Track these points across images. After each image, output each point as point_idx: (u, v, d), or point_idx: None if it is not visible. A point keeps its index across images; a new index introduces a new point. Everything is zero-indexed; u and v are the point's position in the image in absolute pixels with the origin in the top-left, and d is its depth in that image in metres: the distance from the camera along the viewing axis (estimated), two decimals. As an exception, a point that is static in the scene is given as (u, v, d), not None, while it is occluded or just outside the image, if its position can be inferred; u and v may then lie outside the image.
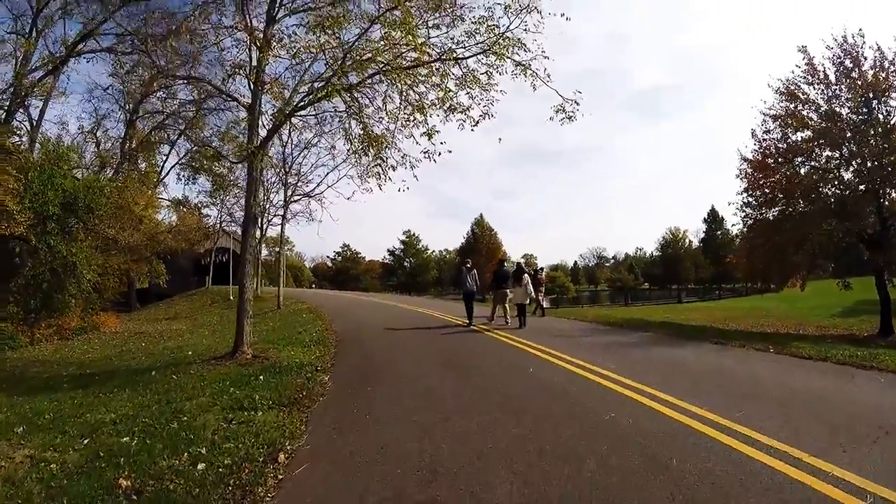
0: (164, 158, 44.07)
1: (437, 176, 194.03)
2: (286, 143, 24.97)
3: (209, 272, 45.57)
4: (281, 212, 26.44)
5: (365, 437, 5.51)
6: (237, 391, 7.61)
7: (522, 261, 25.68)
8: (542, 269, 24.10)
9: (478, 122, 10.77)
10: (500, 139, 29.95)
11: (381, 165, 10.97)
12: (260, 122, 11.09)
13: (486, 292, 35.79)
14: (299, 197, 25.92)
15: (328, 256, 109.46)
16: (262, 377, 8.47)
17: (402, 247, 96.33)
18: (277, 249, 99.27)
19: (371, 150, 10.84)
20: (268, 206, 27.84)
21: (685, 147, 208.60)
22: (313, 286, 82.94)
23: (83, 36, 26.15)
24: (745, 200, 18.12)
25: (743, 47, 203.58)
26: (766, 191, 17.31)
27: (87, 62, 29.70)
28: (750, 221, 18.36)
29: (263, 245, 43.53)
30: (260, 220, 29.00)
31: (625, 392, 6.92)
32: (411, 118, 10.51)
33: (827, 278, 19.30)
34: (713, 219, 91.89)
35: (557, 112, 10.91)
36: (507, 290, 15.90)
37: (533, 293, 16.46)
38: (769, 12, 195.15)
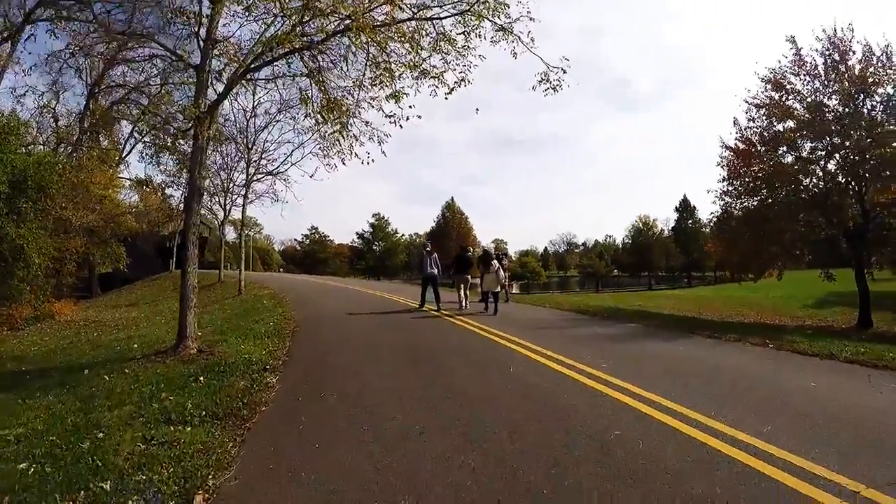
0: (127, 136, 42.36)
1: (410, 162, 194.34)
2: (249, 118, 23.45)
3: (173, 256, 44.04)
4: (245, 192, 24.78)
5: (309, 470, 4.26)
6: (170, 397, 6.34)
7: (492, 246, 24.89)
8: (505, 254, 23.63)
9: (452, 90, 9.50)
10: (476, 109, 28.29)
11: (341, 132, 9.63)
12: (210, 86, 9.78)
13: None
14: (262, 175, 24.38)
15: (296, 239, 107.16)
16: (202, 378, 7.19)
17: (371, 230, 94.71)
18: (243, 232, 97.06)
19: (330, 117, 9.49)
20: (230, 185, 26.28)
21: (656, 139, 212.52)
22: (281, 270, 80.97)
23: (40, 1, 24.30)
24: (724, 189, 17.62)
25: (716, 46, 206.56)
26: (748, 179, 16.77)
27: (46, 32, 27.55)
28: (730, 210, 17.80)
29: (231, 227, 41.96)
30: (223, 199, 27.55)
31: (629, 401, 5.84)
32: (378, 80, 9.23)
33: (801, 269, 18.96)
34: (685, 208, 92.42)
35: (541, 82, 9.70)
36: (469, 276, 15.80)
37: (504, 279, 15.94)
38: (745, 11, 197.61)
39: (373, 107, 9.69)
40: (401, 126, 9.35)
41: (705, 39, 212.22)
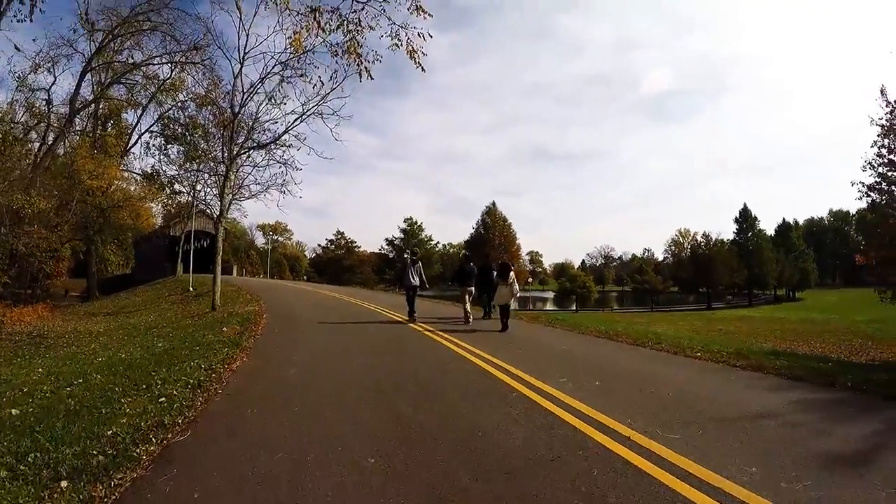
0: (133, 126, 37.91)
1: (443, 175, 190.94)
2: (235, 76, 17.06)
3: (179, 258, 39.19)
4: (226, 171, 17.96)
5: None
6: None
7: (526, 259, 19.04)
8: (512, 264, 19.08)
9: None
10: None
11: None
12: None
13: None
14: (247, 150, 17.59)
15: (319, 245, 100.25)
16: None
17: (402, 236, 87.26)
18: (274, 236, 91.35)
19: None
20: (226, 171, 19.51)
21: (692, 151, 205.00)
22: (305, 278, 74.72)
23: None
24: (875, 181, 14.94)
25: (754, 55, 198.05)
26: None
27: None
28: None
29: (261, 232, 37.31)
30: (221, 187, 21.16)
31: None
32: None
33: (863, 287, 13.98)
34: (745, 218, 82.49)
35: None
36: (472, 288, 15.16)
37: (518, 293, 14.40)
38: (782, 22, 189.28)
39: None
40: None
41: (735, 48, 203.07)
